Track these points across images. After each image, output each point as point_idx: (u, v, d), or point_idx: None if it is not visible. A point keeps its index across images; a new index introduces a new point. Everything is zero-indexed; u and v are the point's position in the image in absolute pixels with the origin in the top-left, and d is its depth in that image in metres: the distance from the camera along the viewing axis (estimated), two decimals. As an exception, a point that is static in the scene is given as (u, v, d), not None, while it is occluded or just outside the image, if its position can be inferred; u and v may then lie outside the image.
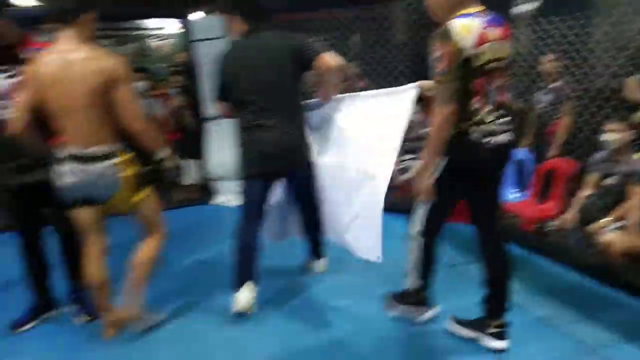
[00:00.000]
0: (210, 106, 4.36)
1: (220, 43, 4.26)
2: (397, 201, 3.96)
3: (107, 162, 2.09)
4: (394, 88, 2.45)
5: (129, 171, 2.16)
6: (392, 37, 4.70)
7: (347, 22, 4.51)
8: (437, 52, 1.85)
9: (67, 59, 2.01)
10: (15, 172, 2.28)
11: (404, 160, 4.21)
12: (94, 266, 2.24)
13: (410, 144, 4.24)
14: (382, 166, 2.30)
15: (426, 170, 2.00)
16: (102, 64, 2.03)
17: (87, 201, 2.16)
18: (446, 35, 1.80)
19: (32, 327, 2.47)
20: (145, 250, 2.31)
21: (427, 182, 2.01)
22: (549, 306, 2.51)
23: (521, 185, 3.66)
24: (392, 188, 3.95)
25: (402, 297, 2.40)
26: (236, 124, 2.52)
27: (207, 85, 4.35)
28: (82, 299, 2.51)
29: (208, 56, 4.31)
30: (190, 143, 4.81)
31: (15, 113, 2.10)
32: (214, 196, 4.65)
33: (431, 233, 2.21)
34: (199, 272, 3.12)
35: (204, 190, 4.71)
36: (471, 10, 1.87)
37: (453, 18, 1.83)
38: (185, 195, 4.77)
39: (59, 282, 2.57)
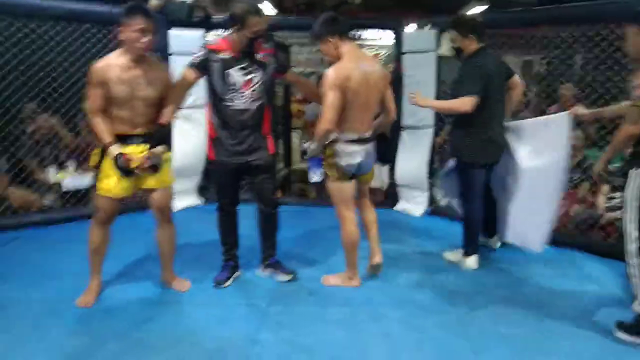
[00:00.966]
0: (408, 115, 4.47)
1: (427, 56, 4.34)
2: (599, 242, 3.53)
3: (372, 143, 2.82)
4: (549, 116, 3.32)
5: None
6: (622, 59, 4.18)
7: (570, 40, 4.17)
8: (636, 80, 2.25)
9: (365, 66, 2.66)
10: (240, 153, 2.73)
11: (613, 198, 3.73)
12: (354, 225, 2.84)
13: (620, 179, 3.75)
14: (550, 199, 3.06)
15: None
16: (384, 70, 2.85)
17: (356, 174, 2.81)
18: None
19: (228, 285, 2.91)
20: (373, 210, 3.04)
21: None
22: None
23: None
24: (595, 227, 3.59)
25: (626, 326, 2.39)
26: (475, 119, 3.01)
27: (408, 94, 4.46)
28: (278, 263, 2.98)
29: (414, 67, 4.44)
30: (383, 148, 4.97)
31: (328, 112, 2.56)
32: (398, 202, 4.75)
33: None
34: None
35: (390, 196, 4.83)
36: None
37: None
38: (371, 197, 4.95)
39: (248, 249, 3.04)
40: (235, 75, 2.63)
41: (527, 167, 3.17)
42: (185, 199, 4.55)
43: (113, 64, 2.46)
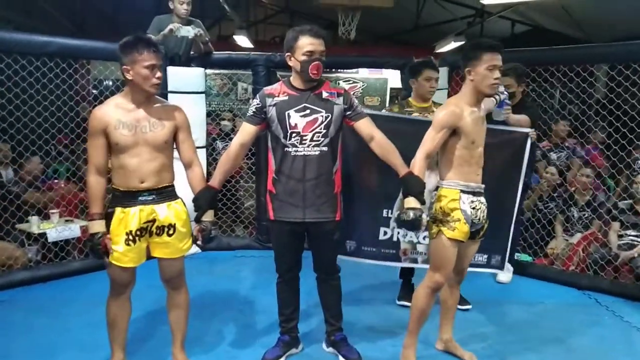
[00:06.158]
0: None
1: (441, 94, 4.27)
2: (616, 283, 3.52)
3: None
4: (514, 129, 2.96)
5: None
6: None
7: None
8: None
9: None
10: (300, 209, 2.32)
11: (628, 236, 3.79)
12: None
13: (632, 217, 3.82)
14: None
15: None
16: None
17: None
18: None
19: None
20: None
21: None
22: None
23: None
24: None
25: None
26: None
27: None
28: (342, 341, 2.54)
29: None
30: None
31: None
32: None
33: None
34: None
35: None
36: None
37: None
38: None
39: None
40: (295, 116, 2.25)
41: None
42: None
43: (113, 107, 2.11)
